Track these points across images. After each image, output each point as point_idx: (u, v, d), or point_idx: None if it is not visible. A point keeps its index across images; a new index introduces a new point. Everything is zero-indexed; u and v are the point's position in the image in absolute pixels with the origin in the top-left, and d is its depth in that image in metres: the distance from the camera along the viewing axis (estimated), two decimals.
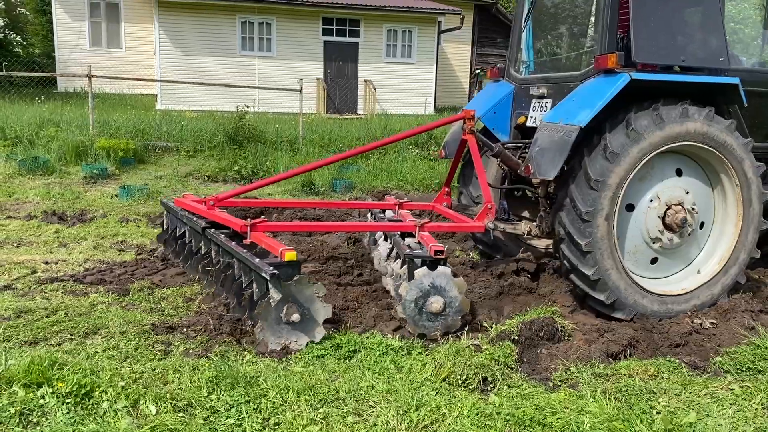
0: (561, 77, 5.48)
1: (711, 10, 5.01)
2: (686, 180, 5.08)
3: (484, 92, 6.30)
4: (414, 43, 22.45)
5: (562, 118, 4.75)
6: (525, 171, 4.85)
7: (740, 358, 4.30)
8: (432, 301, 4.43)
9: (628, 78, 4.59)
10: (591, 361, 4.18)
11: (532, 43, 6.15)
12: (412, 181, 10.90)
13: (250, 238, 4.74)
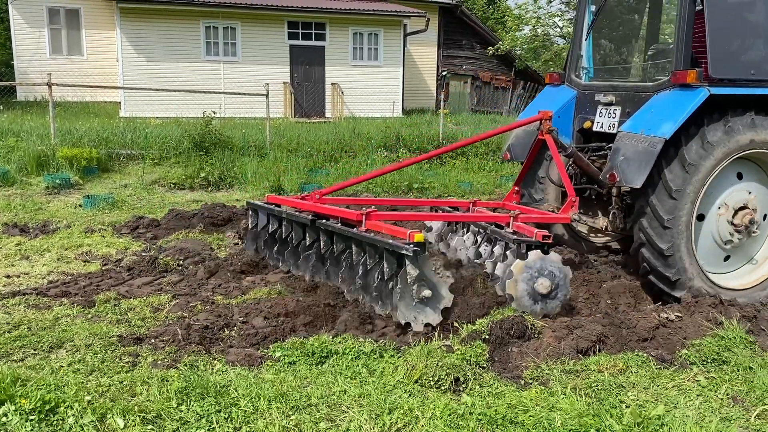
0: (631, 87, 5.88)
1: (757, 33, 5.46)
2: (747, 182, 5.51)
3: (545, 96, 6.56)
4: (380, 46, 22.49)
5: (644, 129, 5.10)
6: (610, 179, 5.19)
7: (705, 350, 4.39)
8: (540, 282, 4.77)
9: (707, 93, 4.96)
10: (561, 358, 4.22)
11: (592, 50, 6.45)
12: (382, 183, 10.88)
13: (365, 226, 5.01)
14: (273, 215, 5.99)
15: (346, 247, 5.20)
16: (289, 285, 5.62)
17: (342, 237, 5.21)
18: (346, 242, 5.19)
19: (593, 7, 6.37)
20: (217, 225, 7.82)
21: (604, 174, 5.35)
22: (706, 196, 5.23)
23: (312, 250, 5.58)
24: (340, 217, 5.24)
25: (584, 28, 6.35)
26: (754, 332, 4.79)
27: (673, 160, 5.04)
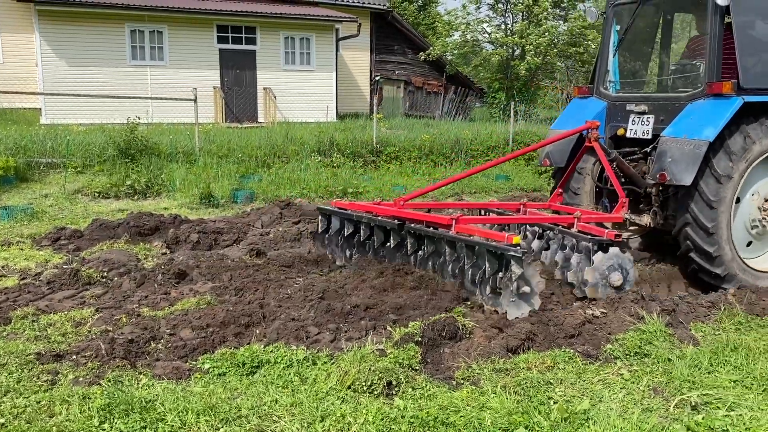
0: (664, 97, 6.58)
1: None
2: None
3: (576, 107, 7.27)
4: (312, 50, 22.39)
5: (686, 133, 5.79)
6: (660, 178, 5.83)
7: (628, 344, 4.56)
8: (614, 277, 5.44)
9: (741, 101, 5.70)
10: (492, 357, 4.29)
11: (618, 65, 7.16)
12: (316, 188, 10.83)
13: (455, 230, 5.46)
14: (350, 219, 6.40)
15: (437, 249, 5.64)
16: (219, 294, 5.50)
17: (434, 239, 5.65)
18: (439, 244, 5.62)
19: (618, 26, 7.06)
20: (144, 234, 7.58)
21: (653, 174, 5.95)
22: (745, 183, 5.95)
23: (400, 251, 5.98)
24: (433, 222, 5.75)
25: (610, 46, 7.07)
26: (673, 325, 5.01)
27: (719, 152, 5.74)
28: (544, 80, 28.98)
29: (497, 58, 23.90)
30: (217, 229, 7.81)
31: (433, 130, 16.61)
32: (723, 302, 5.44)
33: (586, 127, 6.59)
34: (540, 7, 23.31)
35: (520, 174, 13.35)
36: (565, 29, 23.83)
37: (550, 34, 23.14)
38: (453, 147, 14.42)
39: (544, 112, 27.93)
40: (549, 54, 23.66)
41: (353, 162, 12.96)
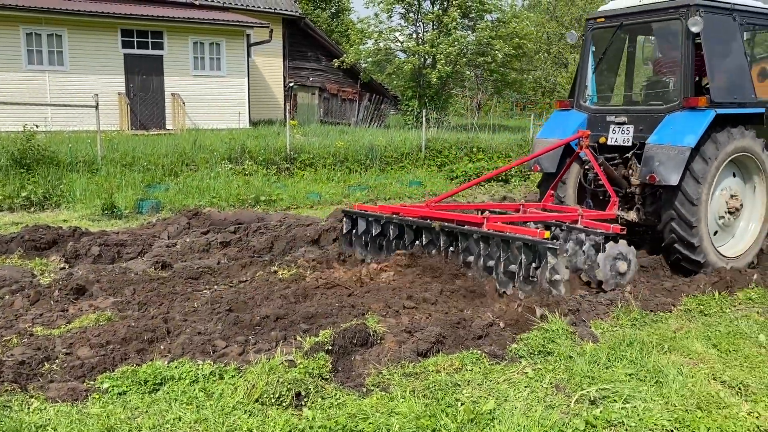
0: (643, 109, 7.39)
1: (743, 65, 7.16)
2: (738, 179, 7.18)
3: (559, 119, 7.99)
4: (223, 55, 21.94)
5: (670, 141, 6.60)
6: (650, 179, 6.61)
7: (533, 343, 4.70)
8: (620, 265, 6.11)
9: (714, 113, 6.59)
10: (402, 362, 4.32)
11: (596, 80, 7.96)
12: (227, 197, 10.59)
13: (486, 227, 6.13)
14: (376, 221, 6.95)
15: (469, 244, 6.22)
16: (120, 310, 5.27)
17: (467, 235, 6.23)
18: (474, 239, 6.17)
19: (595, 47, 7.88)
20: (40, 249, 7.16)
21: (643, 176, 6.73)
22: (716, 182, 6.78)
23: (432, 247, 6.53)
24: (466, 221, 6.43)
25: (589, 64, 7.87)
26: (576, 323, 5.22)
27: (697, 156, 6.55)
28: (455, 88, 29.67)
29: (410, 67, 24.26)
30: (120, 242, 7.49)
31: (347, 137, 16.64)
32: (621, 300, 5.72)
33: (578, 137, 7.30)
34: (449, 17, 23.86)
35: (433, 180, 13.60)
36: (474, 39, 24.49)
37: (459, 43, 23.72)
38: (368, 154, 14.50)
39: (455, 119, 28.60)
40: (459, 63, 24.24)
41: (266, 169, 12.77)
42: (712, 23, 6.85)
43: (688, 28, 6.69)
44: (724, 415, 3.75)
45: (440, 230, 6.42)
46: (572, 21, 34.64)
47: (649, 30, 7.95)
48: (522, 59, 27.14)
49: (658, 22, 7.51)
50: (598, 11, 7.99)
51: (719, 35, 7.02)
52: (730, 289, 6.28)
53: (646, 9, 7.34)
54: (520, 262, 5.73)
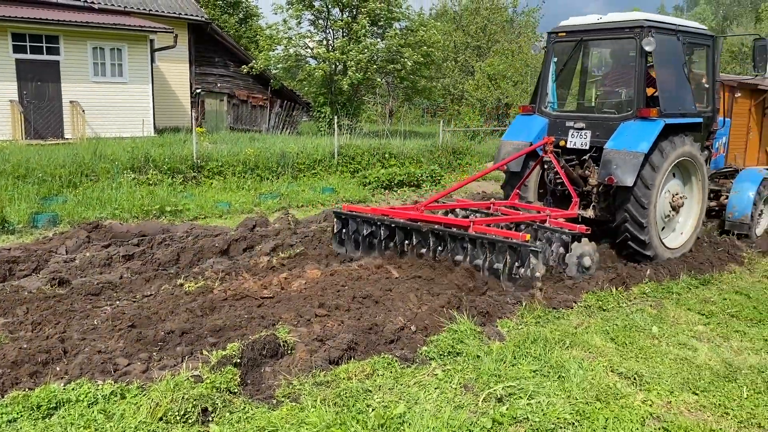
0: (599, 117, 8.16)
1: (685, 79, 7.99)
2: (679, 180, 8.02)
3: (522, 122, 8.66)
4: (125, 61, 21.05)
5: (625, 146, 7.33)
6: (609, 181, 7.30)
7: (442, 345, 4.79)
8: (586, 260, 6.77)
9: (663, 123, 7.35)
10: (313, 371, 4.28)
11: (557, 89, 8.71)
12: (130, 208, 10.15)
13: (473, 229, 6.61)
14: (369, 222, 7.34)
15: (455, 245, 6.70)
16: (12, 331, 4.93)
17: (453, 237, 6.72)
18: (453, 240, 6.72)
19: (556, 59, 8.61)
20: None
21: (602, 177, 7.41)
22: (664, 183, 7.54)
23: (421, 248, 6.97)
24: (457, 225, 6.89)
25: (550, 74, 8.61)
26: (484, 324, 5.35)
27: (646, 164, 7.26)
28: (367, 95, 29.85)
29: (321, 73, 24.17)
30: (12, 258, 7.01)
31: (258, 144, 16.37)
32: (526, 298, 5.92)
33: (544, 143, 8.08)
34: (358, 25, 23.98)
35: (346, 186, 13.59)
36: (384, 47, 24.73)
37: (369, 51, 23.87)
38: (279, 161, 14.31)
39: (368, 126, 28.77)
40: (369, 70, 24.40)
41: (172, 179, 12.34)
42: (661, 43, 7.66)
43: (642, 47, 7.50)
44: (621, 405, 3.95)
45: (430, 233, 6.96)
46: (477, 30, 35.66)
47: (605, 46, 8.75)
48: (431, 67, 27.64)
49: (614, 40, 8.30)
50: (559, 26, 8.65)
51: (667, 53, 7.86)
52: (626, 285, 6.64)
53: (604, 27, 8.11)
54: (505, 262, 6.31)
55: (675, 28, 7.97)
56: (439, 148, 17.77)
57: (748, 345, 5.16)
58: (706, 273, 7.26)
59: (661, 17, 8.20)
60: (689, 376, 4.45)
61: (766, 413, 3.95)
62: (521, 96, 26.62)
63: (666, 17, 8.33)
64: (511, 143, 8.54)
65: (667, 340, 5.17)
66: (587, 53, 8.88)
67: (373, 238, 7.38)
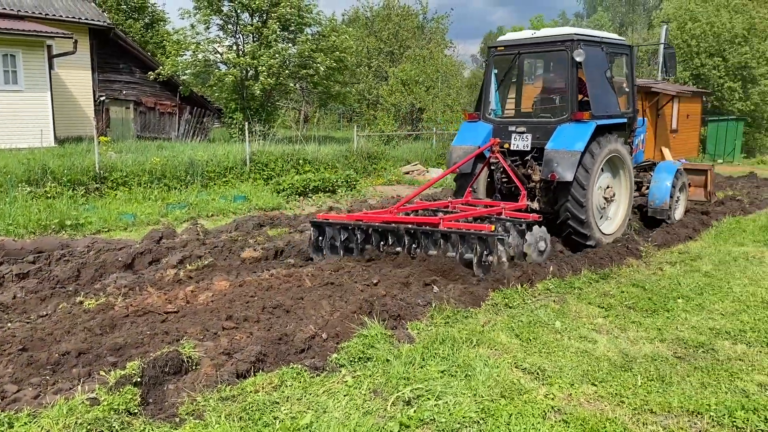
0: (538, 121, 9.08)
1: (609, 85, 9.01)
2: (609, 174, 8.96)
3: (469, 128, 9.46)
4: (20, 68, 19.86)
5: (564, 147, 8.20)
6: (551, 177, 8.15)
7: (353, 351, 4.77)
8: (540, 245, 7.59)
9: (595, 125, 8.31)
10: (218, 386, 4.16)
11: (498, 97, 9.62)
12: (26, 223, 9.58)
13: (443, 225, 7.35)
14: (345, 228, 7.86)
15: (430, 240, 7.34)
16: None
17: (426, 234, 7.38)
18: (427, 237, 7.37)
19: (495, 70, 9.47)
20: None
21: (545, 174, 8.25)
22: (597, 177, 8.45)
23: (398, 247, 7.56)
24: (428, 223, 7.65)
25: (492, 83, 9.44)
26: (395, 327, 5.38)
27: (581, 163, 8.13)
28: (280, 100, 29.53)
29: (231, 79, 23.70)
30: None
31: (166, 152, 15.85)
32: (435, 298, 6.00)
33: (492, 144, 8.92)
34: (269, 30, 23.71)
35: (259, 194, 13.38)
36: (295, 52, 24.56)
37: (281, 56, 23.64)
38: (188, 169, 13.90)
39: (282, 131, 28.45)
40: (282, 75, 24.15)
41: (73, 191, 11.74)
42: (589, 53, 8.55)
43: (573, 58, 8.41)
44: (524, 400, 4.06)
45: (404, 232, 7.54)
46: (389, 36, 36.04)
47: (540, 58, 9.80)
48: (344, 72, 27.69)
49: (548, 52, 9.26)
50: (498, 41, 9.60)
51: (594, 63, 8.76)
52: (532, 282, 6.86)
53: (538, 41, 9.05)
54: (475, 251, 6.95)
55: (599, 40, 8.96)
56: (354, 154, 17.82)
57: (643, 335, 5.44)
58: (606, 267, 7.60)
59: (587, 31, 9.25)
60: (589, 368, 4.64)
61: (657, 399, 4.17)
62: (434, 101, 27.09)
63: (591, 30, 9.39)
64: (461, 148, 9.27)
65: (569, 334, 5.37)
66: (524, 64, 9.86)
67: (349, 242, 7.85)
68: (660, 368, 4.68)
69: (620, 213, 9.23)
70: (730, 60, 29.29)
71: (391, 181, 16.97)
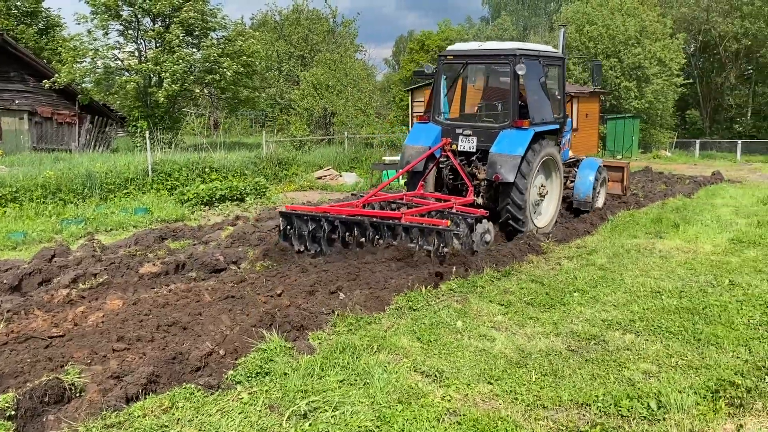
0: (483, 126, 10.02)
1: (545, 95, 10.17)
2: (543, 174, 9.99)
3: (421, 129, 10.28)
4: None
5: (507, 151, 9.12)
6: (495, 178, 9.06)
7: (250, 366, 4.63)
8: (486, 236, 8.50)
9: (533, 131, 9.29)
10: (104, 413, 3.93)
11: (450, 100, 10.52)
12: None
13: (404, 219, 7.89)
14: (313, 219, 8.41)
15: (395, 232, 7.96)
16: None
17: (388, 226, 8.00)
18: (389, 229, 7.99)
19: (445, 77, 10.31)
20: None
21: (490, 175, 9.16)
22: (534, 177, 9.42)
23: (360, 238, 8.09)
24: (390, 216, 8.23)
25: (441, 89, 10.26)
26: (298, 338, 5.28)
27: (523, 162, 9.08)
28: (187, 107, 28.70)
29: (133, 86, 22.82)
30: None
31: (62, 164, 15.02)
32: (340, 306, 5.94)
33: (443, 144, 9.87)
34: (172, 35, 22.99)
35: (162, 205, 12.89)
36: (201, 57, 23.93)
37: (185, 61, 22.96)
38: (85, 182, 13.22)
39: (191, 139, 27.64)
40: (187, 81, 23.47)
41: None
42: (529, 66, 9.39)
43: (516, 71, 9.21)
44: (421, 404, 4.07)
45: (369, 224, 8.11)
46: (299, 40, 35.80)
47: (485, 68, 10.79)
48: (253, 77, 27.23)
49: (492, 64, 10.33)
50: (447, 50, 10.44)
51: (533, 75, 9.71)
52: (436, 283, 6.92)
53: (484, 53, 10.07)
54: (433, 243, 7.68)
55: (537, 54, 9.96)
56: (264, 160, 17.53)
57: (539, 330, 5.59)
58: (508, 265, 7.78)
59: (527, 45, 10.32)
60: (486, 367, 4.71)
61: (550, 394, 4.28)
62: (345, 105, 27.09)
63: (530, 45, 10.43)
64: (413, 147, 10.10)
65: (469, 333, 5.44)
66: (471, 73, 10.85)
67: (316, 233, 8.37)
68: (553, 363, 4.82)
69: (551, 208, 10.27)
70: (625, 61, 30.90)
71: (303, 187, 16.81)
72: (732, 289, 6.76)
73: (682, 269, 7.61)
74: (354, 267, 7.32)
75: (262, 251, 8.32)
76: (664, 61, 30.97)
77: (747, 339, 5.27)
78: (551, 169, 10.16)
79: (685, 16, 38.80)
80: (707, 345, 5.16)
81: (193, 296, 6.40)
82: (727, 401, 4.07)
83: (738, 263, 7.85)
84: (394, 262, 7.43)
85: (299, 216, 8.49)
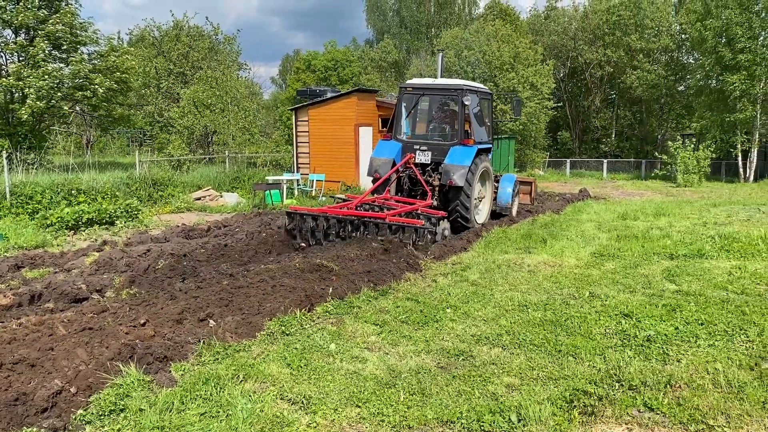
0: (436, 143, 12.78)
1: (482, 121, 13.25)
2: (481, 182, 12.79)
3: (384, 145, 12.89)
4: None
5: (457, 162, 11.91)
6: (449, 183, 11.81)
7: (103, 403, 4.32)
8: (445, 231, 11.02)
9: (476, 148, 12.20)
10: None
11: (409, 122, 13.25)
12: None
13: (388, 220, 10.17)
14: (314, 217, 10.78)
15: (377, 229, 10.21)
16: None
17: (376, 225, 10.26)
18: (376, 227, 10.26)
19: (404, 104, 13.04)
20: None
21: (444, 181, 11.90)
22: (476, 184, 12.31)
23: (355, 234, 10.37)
24: (377, 217, 10.37)
25: (403, 113, 13.01)
26: (159, 371, 4.98)
27: (469, 172, 11.88)
28: (56, 125, 26.89)
29: None
30: None
31: None
32: (209, 334, 5.68)
33: (407, 159, 12.58)
34: (37, 48, 21.52)
35: (21, 231, 11.89)
36: (69, 73, 22.53)
37: (52, 77, 21.53)
38: None
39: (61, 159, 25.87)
40: (54, 98, 22.01)
41: None
42: (472, 98, 12.38)
43: (463, 102, 12.20)
44: None
45: (360, 222, 10.39)
46: (179, 57, 34.70)
47: (439, 98, 13.32)
48: (128, 94, 26.00)
49: (444, 95, 13.03)
50: (407, 83, 13.39)
51: (475, 105, 12.69)
52: (312, 305, 6.82)
53: (438, 87, 12.87)
54: (411, 237, 9.90)
55: (477, 89, 13.06)
56: (137, 180, 16.70)
57: (411, 348, 5.62)
58: (386, 284, 7.82)
59: (471, 83, 13.40)
60: (355, 390, 4.66)
61: (416, 413, 4.29)
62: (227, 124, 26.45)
63: (473, 83, 13.60)
64: (379, 159, 12.65)
65: (341, 356, 5.38)
66: (426, 102, 13.49)
67: (315, 229, 10.68)
68: (422, 381, 4.85)
69: (486, 208, 13.41)
70: (501, 84, 32.49)
71: (180, 209, 16.15)
72: (591, 300, 7.16)
73: (548, 282, 7.98)
74: (227, 292, 7.07)
75: (129, 278, 7.87)
76: (536, 86, 32.82)
77: (603, 348, 5.57)
78: (486, 179, 13.19)
79: (554, 43, 41.45)
80: (567, 356, 5.40)
81: (46, 329, 5.90)
82: (580, 410, 4.26)
83: (598, 275, 8.35)
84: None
85: (302, 215, 10.85)
